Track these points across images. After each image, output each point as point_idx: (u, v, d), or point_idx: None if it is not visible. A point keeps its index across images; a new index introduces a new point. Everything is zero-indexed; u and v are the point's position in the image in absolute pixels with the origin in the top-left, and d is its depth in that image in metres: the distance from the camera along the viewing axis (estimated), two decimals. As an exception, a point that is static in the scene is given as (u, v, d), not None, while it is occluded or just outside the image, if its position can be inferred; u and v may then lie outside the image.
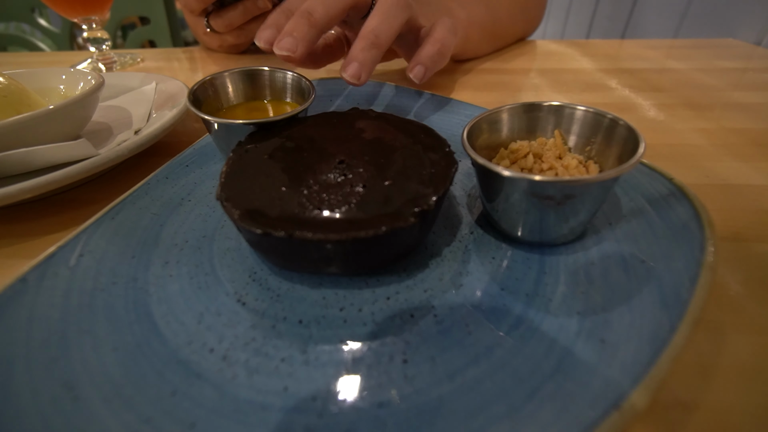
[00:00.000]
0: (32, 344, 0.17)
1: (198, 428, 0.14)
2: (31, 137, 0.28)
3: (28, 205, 0.29)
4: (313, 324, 0.18)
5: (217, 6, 0.53)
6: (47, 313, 0.18)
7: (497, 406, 0.14)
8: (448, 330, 0.17)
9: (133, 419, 0.14)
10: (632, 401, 0.13)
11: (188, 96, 0.29)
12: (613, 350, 0.15)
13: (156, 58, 0.68)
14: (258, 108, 0.33)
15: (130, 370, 0.16)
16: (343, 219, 0.18)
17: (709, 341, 0.18)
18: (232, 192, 0.20)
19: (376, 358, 0.16)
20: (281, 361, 0.16)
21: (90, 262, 0.21)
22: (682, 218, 0.20)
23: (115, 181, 0.32)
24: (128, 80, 0.45)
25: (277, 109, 0.33)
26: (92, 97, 0.32)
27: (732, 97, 0.44)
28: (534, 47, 0.65)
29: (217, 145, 0.31)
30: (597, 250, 0.20)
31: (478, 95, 0.46)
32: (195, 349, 0.17)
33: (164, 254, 0.22)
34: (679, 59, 0.57)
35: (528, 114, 0.24)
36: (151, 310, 0.19)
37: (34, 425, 0.14)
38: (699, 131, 0.37)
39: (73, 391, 0.15)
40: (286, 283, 0.20)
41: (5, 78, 0.32)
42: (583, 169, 0.21)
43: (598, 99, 0.45)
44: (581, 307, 0.17)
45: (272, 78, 0.33)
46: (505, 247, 0.21)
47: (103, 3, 0.59)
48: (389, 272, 0.20)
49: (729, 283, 0.21)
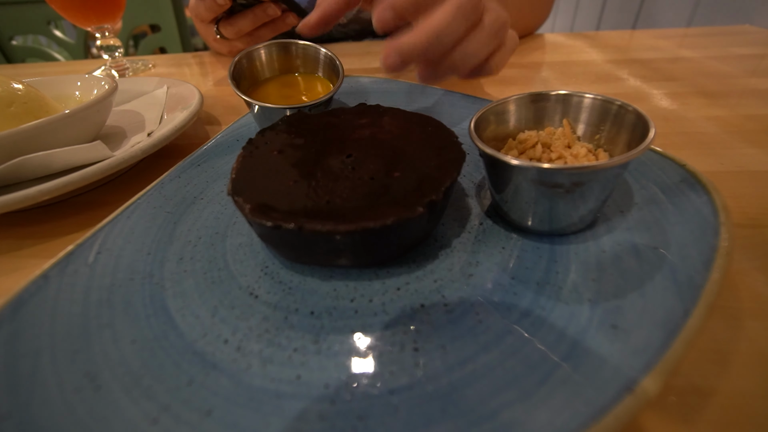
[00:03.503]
0: (56, 337, 0.17)
1: (214, 415, 0.14)
2: (50, 141, 0.29)
3: (47, 207, 0.30)
4: (324, 315, 0.18)
5: (226, 14, 0.54)
6: (69, 307, 0.19)
7: (509, 392, 0.14)
8: (459, 319, 0.17)
9: (153, 407, 0.15)
10: (645, 386, 0.13)
11: (229, 75, 0.32)
12: (625, 336, 0.15)
13: (167, 64, 0.69)
14: (291, 83, 0.35)
15: (149, 361, 0.16)
16: (353, 211, 0.18)
17: (726, 328, 0.18)
18: (243, 187, 0.20)
19: (388, 347, 0.16)
20: (294, 351, 0.17)
21: (108, 259, 0.21)
22: (696, 204, 0.20)
23: (128, 184, 0.33)
24: (140, 85, 0.46)
25: (309, 83, 0.35)
26: (106, 102, 0.33)
27: (748, 84, 0.43)
28: (543, 41, 0.65)
29: (256, 121, 0.34)
30: (608, 239, 0.20)
31: (486, 89, 0.46)
32: (210, 340, 0.17)
33: (179, 251, 0.22)
34: (692, 48, 0.56)
35: (535, 104, 0.24)
36: (167, 304, 0.19)
37: (60, 412, 0.14)
38: (713, 119, 0.36)
39: (95, 381, 0.16)
40: (298, 276, 0.20)
41: (25, 86, 0.33)
42: (592, 158, 0.21)
43: (608, 90, 0.44)
44: (592, 294, 0.17)
45: (305, 51, 0.35)
46: (515, 238, 0.21)
47: (116, 11, 0.60)
48: (399, 264, 0.20)
49: (746, 269, 0.20)
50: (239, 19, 0.53)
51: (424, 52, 0.27)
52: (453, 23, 0.27)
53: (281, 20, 0.55)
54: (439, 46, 0.27)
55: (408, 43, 0.27)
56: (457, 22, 0.27)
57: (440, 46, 0.27)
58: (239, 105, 0.49)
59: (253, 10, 0.52)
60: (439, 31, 0.27)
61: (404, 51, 0.27)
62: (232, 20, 0.54)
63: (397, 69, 0.28)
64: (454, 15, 0.27)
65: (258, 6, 0.52)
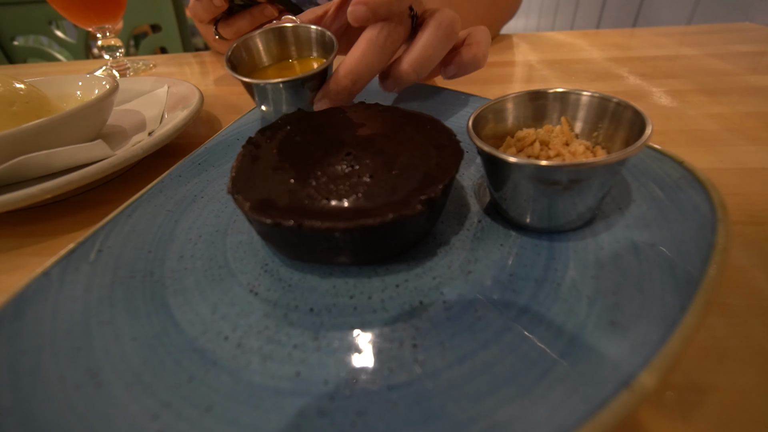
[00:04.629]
0: (57, 334, 0.17)
1: (214, 412, 0.14)
2: (52, 140, 0.29)
3: (49, 206, 0.30)
4: (324, 312, 0.18)
5: (225, 14, 0.54)
6: (70, 305, 0.19)
7: (507, 388, 0.14)
8: (458, 316, 0.17)
9: (153, 403, 0.15)
10: (643, 381, 0.13)
11: (226, 63, 0.32)
12: (623, 332, 0.15)
13: (168, 64, 0.69)
14: (287, 67, 0.36)
15: (149, 358, 0.17)
16: (352, 208, 0.18)
17: (725, 325, 0.18)
18: (243, 185, 0.21)
19: (387, 344, 0.16)
20: (293, 348, 0.17)
21: (108, 257, 0.22)
22: (693, 201, 0.20)
23: (129, 183, 0.33)
24: (141, 84, 0.46)
25: (306, 67, 0.35)
26: (107, 101, 0.33)
27: (748, 81, 0.43)
28: (542, 39, 0.65)
29: (259, 106, 0.34)
30: (607, 236, 0.20)
31: (485, 88, 0.46)
32: (210, 337, 0.17)
33: (179, 249, 0.23)
34: (692, 45, 0.56)
35: (533, 102, 0.24)
36: (168, 301, 0.19)
37: (61, 408, 0.14)
38: (713, 116, 0.36)
39: (96, 378, 0.16)
40: (297, 273, 0.20)
41: (27, 86, 0.33)
42: (590, 155, 0.21)
43: (608, 87, 0.44)
44: (591, 290, 0.17)
45: (297, 34, 0.35)
46: (513, 235, 0.21)
47: (116, 11, 0.60)
48: (398, 261, 0.20)
49: (745, 266, 0.21)
50: (237, 20, 0.54)
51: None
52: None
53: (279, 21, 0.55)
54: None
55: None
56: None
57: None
58: (239, 104, 0.49)
59: (250, 11, 0.52)
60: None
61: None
62: (231, 21, 0.54)
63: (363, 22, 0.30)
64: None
65: (255, 7, 0.52)
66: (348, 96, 0.30)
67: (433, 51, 0.30)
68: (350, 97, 0.31)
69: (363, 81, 0.30)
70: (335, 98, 0.30)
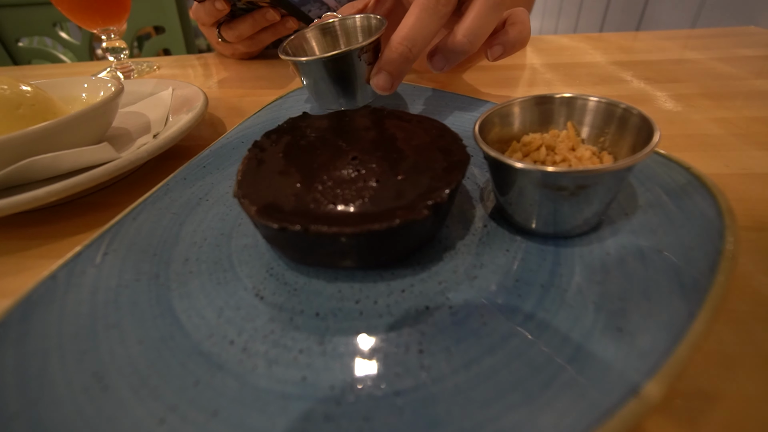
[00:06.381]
0: (64, 337, 0.17)
1: (220, 416, 0.14)
2: (57, 142, 0.29)
3: (54, 208, 0.30)
4: (329, 316, 0.18)
5: (228, 17, 0.54)
6: (76, 308, 0.19)
7: (513, 394, 0.14)
8: (463, 321, 0.17)
9: (159, 407, 0.15)
10: (650, 389, 0.13)
11: (281, 54, 0.33)
12: (630, 339, 0.15)
13: (171, 66, 0.70)
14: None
15: (155, 361, 0.17)
16: (358, 213, 0.18)
17: (732, 331, 0.18)
18: (249, 189, 0.21)
19: (392, 349, 0.16)
20: (299, 352, 0.17)
21: (114, 260, 0.22)
22: (700, 207, 0.20)
23: (134, 186, 0.33)
24: (146, 87, 0.46)
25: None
26: (113, 104, 0.33)
27: (754, 85, 0.43)
28: (545, 43, 0.65)
29: (310, 91, 0.34)
30: (613, 241, 0.20)
31: (489, 92, 0.46)
32: (216, 341, 0.17)
33: (184, 252, 0.23)
34: (697, 49, 0.56)
35: (540, 106, 0.24)
36: (174, 305, 0.19)
37: (68, 411, 0.15)
38: (718, 121, 0.36)
39: (103, 381, 0.16)
40: (303, 277, 0.20)
41: (33, 88, 0.33)
42: (597, 161, 0.21)
43: (612, 91, 0.44)
44: (597, 297, 0.17)
45: (344, 26, 0.35)
46: (519, 240, 0.21)
47: (121, 14, 0.61)
48: (404, 265, 0.20)
49: (752, 273, 0.20)
50: (240, 24, 0.54)
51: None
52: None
53: (281, 24, 0.55)
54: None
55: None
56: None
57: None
58: (242, 106, 0.49)
59: (252, 15, 0.53)
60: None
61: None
62: (233, 24, 0.54)
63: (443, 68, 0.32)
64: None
65: (257, 11, 0.52)
66: (405, 63, 0.29)
67: (486, 20, 0.29)
68: (407, 65, 0.29)
69: (419, 46, 0.29)
70: (392, 68, 0.29)
